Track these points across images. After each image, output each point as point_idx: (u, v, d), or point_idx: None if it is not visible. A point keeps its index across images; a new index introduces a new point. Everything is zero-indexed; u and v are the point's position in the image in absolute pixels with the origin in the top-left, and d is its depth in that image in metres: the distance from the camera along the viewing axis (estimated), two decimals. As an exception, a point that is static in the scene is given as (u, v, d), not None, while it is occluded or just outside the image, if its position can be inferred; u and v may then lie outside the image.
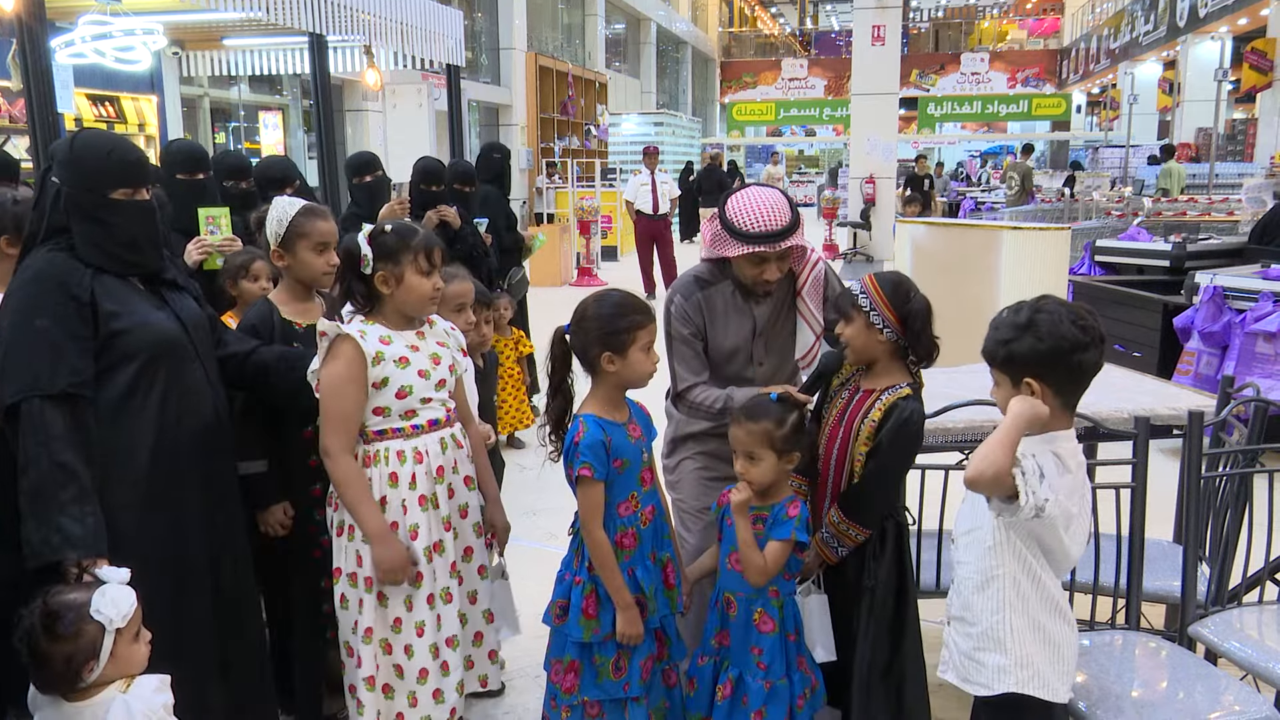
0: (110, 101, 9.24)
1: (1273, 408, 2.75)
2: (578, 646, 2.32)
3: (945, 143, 31.28)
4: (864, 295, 2.40)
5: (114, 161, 2.24)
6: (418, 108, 12.53)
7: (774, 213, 2.51)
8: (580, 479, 2.26)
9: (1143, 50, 21.74)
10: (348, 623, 2.44)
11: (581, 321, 2.33)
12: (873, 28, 14.19)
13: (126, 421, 2.22)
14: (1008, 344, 1.95)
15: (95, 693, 1.77)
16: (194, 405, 2.34)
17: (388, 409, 2.41)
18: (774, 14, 40.54)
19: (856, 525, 2.37)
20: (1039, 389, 1.92)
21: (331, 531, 2.51)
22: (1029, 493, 1.84)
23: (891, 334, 2.37)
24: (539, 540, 4.18)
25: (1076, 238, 8.28)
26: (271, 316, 2.75)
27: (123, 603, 1.75)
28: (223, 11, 5.74)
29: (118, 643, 1.75)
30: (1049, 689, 1.98)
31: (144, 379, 2.24)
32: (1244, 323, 5.41)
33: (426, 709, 2.44)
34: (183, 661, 2.20)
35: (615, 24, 24.85)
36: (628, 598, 2.29)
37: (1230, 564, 2.67)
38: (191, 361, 2.36)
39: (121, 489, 2.20)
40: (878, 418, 2.36)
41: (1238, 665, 2.36)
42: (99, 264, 2.22)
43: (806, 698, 2.37)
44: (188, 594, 2.31)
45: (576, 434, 2.28)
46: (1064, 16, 32.59)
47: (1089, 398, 2.01)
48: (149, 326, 2.26)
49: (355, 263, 2.41)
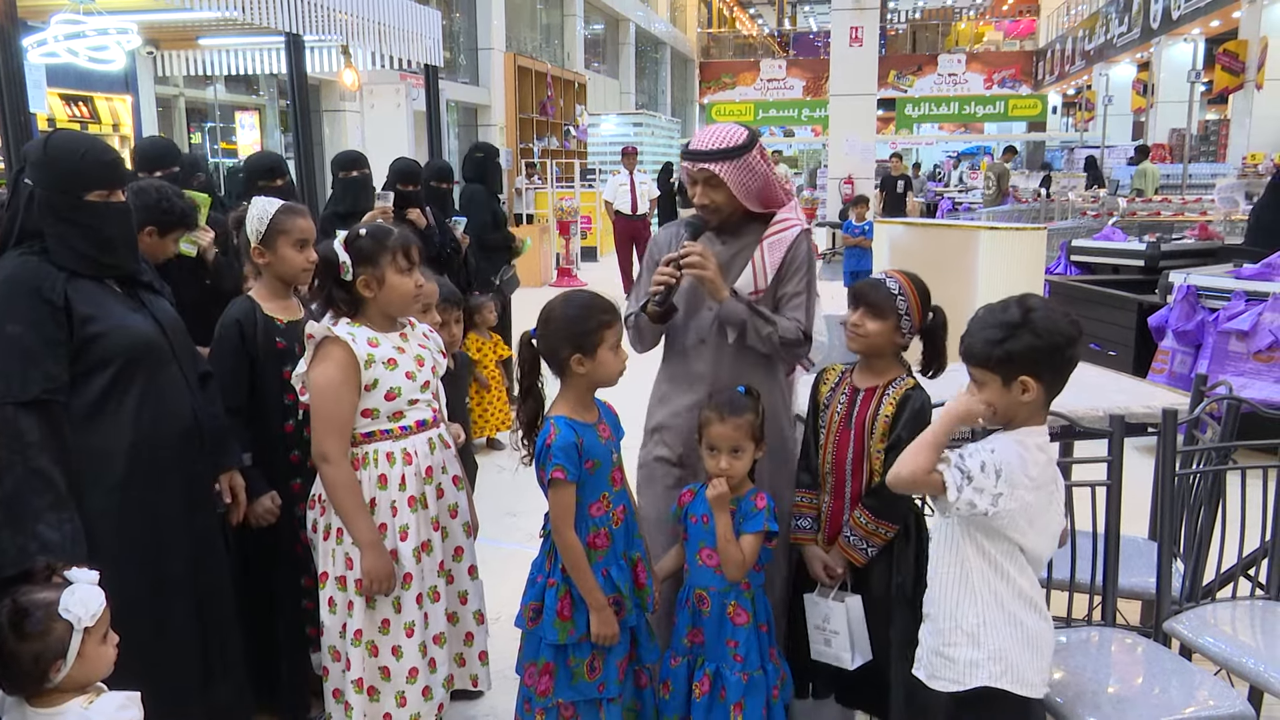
0: (84, 101, 9.13)
1: (1245, 406, 2.78)
2: (552, 649, 2.31)
3: (923, 143, 31.43)
4: (902, 298, 2.38)
5: (89, 163, 2.22)
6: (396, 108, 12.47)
7: (706, 137, 2.57)
8: (554, 481, 2.25)
9: (1117, 52, 21.94)
10: (335, 626, 2.43)
11: (548, 324, 2.31)
12: (850, 29, 14.23)
13: (103, 426, 2.20)
14: (1003, 343, 1.91)
15: (60, 700, 1.74)
16: (172, 408, 2.32)
17: (376, 411, 2.41)
18: (752, 15, 40.62)
19: (886, 523, 2.36)
20: (1033, 387, 1.92)
21: (314, 534, 2.51)
22: (959, 488, 1.86)
23: (909, 337, 2.38)
24: (519, 542, 4.17)
25: (1053, 238, 8.35)
26: (254, 313, 2.75)
27: (91, 602, 1.73)
28: (198, 11, 5.70)
29: (86, 643, 1.72)
30: (1024, 683, 1.98)
31: (120, 383, 2.22)
32: (1217, 322, 5.47)
33: (415, 707, 2.45)
34: (163, 667, 2.19)
35: (594, 24, 24.82)
36: (601, 599, 2.28)
37: (1204, 560, 2.69)
38: (169, 364, 2.34)
39: (97, 494, 2.17)
40: (891, 412, 2.36)
41: (1212, 660, 2.38)
42: (74, 267, 2.19)
43: (780, 688, 2.39)
44: (166, 598, 2.29)
45: (548, 436, 2.27)
46: (1040, 18, 32.86)
47: (1065, 396, 2.03)
48: (126, 329, 2.24)
49: (335, 270, 2.40)
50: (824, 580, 2.47)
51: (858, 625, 2.41)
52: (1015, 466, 1.90)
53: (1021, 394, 1.93)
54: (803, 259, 2.64)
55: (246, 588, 2.72)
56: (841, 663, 2.44)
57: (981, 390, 1.97)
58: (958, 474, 1.89)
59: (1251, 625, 2.55)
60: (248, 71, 8.74)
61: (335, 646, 2.45)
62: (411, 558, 2.43)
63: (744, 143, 2.54)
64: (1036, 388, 1.93)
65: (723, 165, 2.53)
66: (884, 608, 2.42)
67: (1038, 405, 1.96)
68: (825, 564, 2.47)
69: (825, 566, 2.47)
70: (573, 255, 13.61)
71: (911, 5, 38.26)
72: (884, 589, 2.42)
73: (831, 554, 2.47)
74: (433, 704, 2.49)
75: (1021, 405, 1.94)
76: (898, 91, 28.80)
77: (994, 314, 1.96)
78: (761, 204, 2.64)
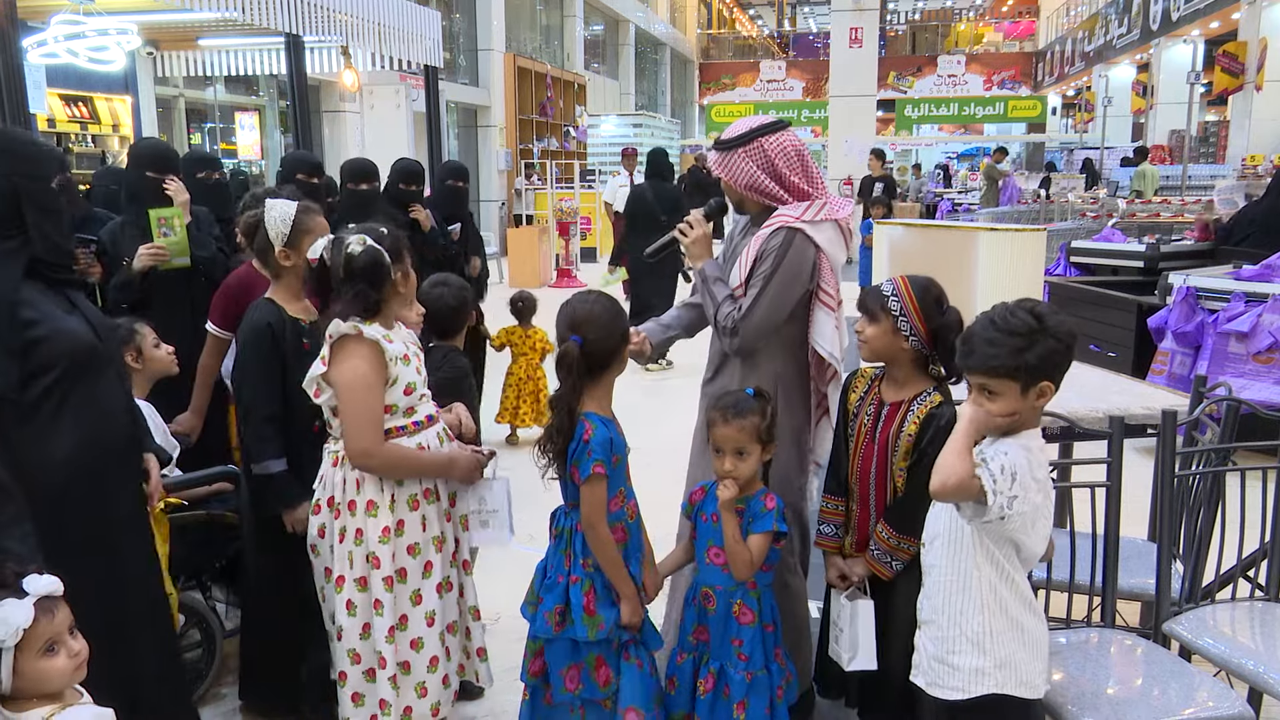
0: (84, 102, 9.14)
1: (1245, 407, 2.78)
2: (586, 646, 2.32)
3: (923, 144, 31.44)
4: (895, 299, 2.36)
5: (46, 150, 2.19)
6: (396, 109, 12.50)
7: (730, 127, 2.71)
8: (595, 477, 2.25)
9: (1117, 53, 21.95)
10: (355, 628, 2.43)
11: (594, 327, 2.30)
12: (850, 30, 14.28)
13: (37, 435, 2.08)
14: (1023, 352, 1.87)
15: (27, 706, 1.70)
16: (111, 411, 2.24)
17: (395, 406, 2.44)
18: (752, 16, 40.63)
19: (909, 539, 2.34)
20: (1050, 390, 1.91)
21: (322, 539, 2.51)
22: (996, 493, 1.85)
23: (917, 343, 2.36)
24: (517, 542, 4.15)
25: (1052, 239, 8.34)
26: (281, 315, 2.76)
27: (11, 620, 1.65)
28: (198, 11, 5.70)
29: (20, 659, 1.66)
30: (1028, 686, 1.99)
31: (58, 390, 2.10)
32: (1216, 323, 5.47)
33: (436, 695, 2.49)
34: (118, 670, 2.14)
35: (594, 25, 24.82)
36: (633, 588, 2.33)
37: (1204, 562, 2.69)
38: (105, 366, 2.24)
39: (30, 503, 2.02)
40: (914, 430, 2.35)
41: (1211, 662, 2.38)
42: (50, 258, 2.12)
43: (784, 689, 2.40)
44: (124, 600, 2.25)
45: (585, 433, 2.26)
46: (1039, 20, 32.88)
47: (1064, 396, 2.03)
48: (66, 334, 2.13)
49: (382, 273, 2.40)
50: (838, 587, 2.49)
51: (864, 629, 2.41)
52: (1025, 469, 1.89)
53: (1038, 399, 1.92)
54: (772, 255, 2.60)
55: (279, 591, 2.75)
56: (840, 661, 2.47)
57: (996, 400, 1.92)
58: (990, 479, 1.87)
59: (1251, 626, 2.55)
60: (248, 72, 8.75)
61: (355, 649, 2.44)
62: (432, 545, 2.47)
63: (747, 131, 2.64)
64: (1052, 391, 1.92)
65: (723, 154, 2.67)
66: (907, 623, 2.36)
67: (1038, 409, 1.96)
68: (841, 571, 2.48)
69: (841, 574, 2.48)
70: (572, 256, 13.61)
71: (911, 6, 38.28)
72: (908, 604, 2.40)
73: (854, 562, 2.48)
74: (449, 691, 2.54)
75: (1035, 410, 1.94)
76: (897, 93, 28.81)
77: (1004, 323, 1.90)
78: (762, 196, 2.65)
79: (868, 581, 2.47)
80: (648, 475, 2.87)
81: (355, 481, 2.43)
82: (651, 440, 4.28)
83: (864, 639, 2.41)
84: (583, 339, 2.28)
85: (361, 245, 2.38)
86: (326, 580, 2.51)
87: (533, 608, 2.40)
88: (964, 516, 1.93)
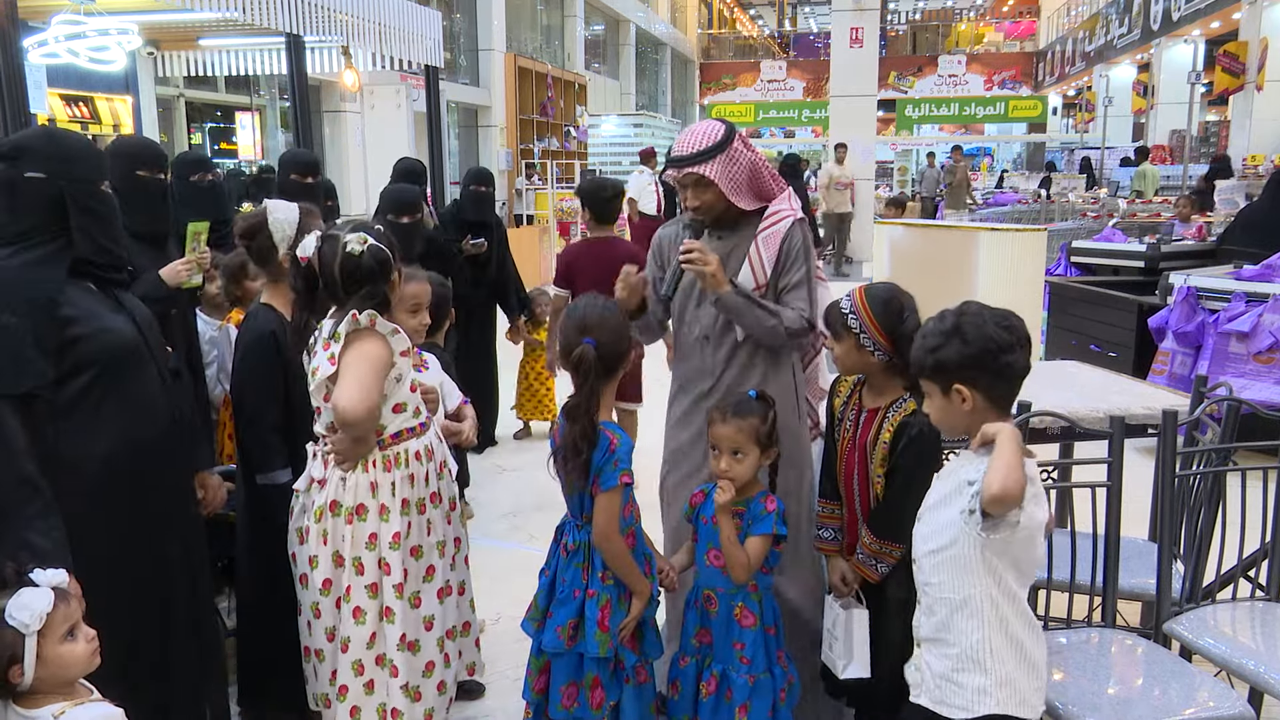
0: (84, 102, 9.13)
1: (1245, 407, 2.78)
2: (595, 662, 2.30)
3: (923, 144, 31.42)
4: (854, 316, 2.37)
5: (95, 153, 2.24)
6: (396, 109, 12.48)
7: (687, 141, 2.60)
8: (620, 487, 2.24)
9: (1117, 53, 21.95)
10: (362, 638, 2.39)
11: (606, 329, 2.29)
12: (851, 30, 14.26)
13: (74, 433, 2.12)
14: (934, 351, 1.90)
15: (42, 701, 1.73)
16: (149, 409, 2.27)
17: (405, 405, 2.42)
18: (753, 16, 40.62)
19: (891, 544, 2.34)
20: (969, 395, 1.89)
21: (331, 545, 2.45)
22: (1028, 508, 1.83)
23: (883, 355, 2.36)
24: (518, 541, 4.15)
25: (1053, 239, 8.35)
26: (282, 321, 2.72)
27: (34, 605, 1.70)
28: (198, 11, 5.69)
29: (43, 645, 1.70)
30: (1027, 706, 1.94)
31: (97, 387, 2.15)
32: (1217, 323, 5.47)
33: (430, 702, 2.46)
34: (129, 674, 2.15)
35: (594, 25, 24.81)
36: (647, 585, 2.35)
37: (1204, 562, 2.69)
38: (147, 364, 2.28)
39: (67, 499, 2.07)
40: (889, 439, 2.35)
41: (1212, 662, 2.38)
42: (94, 258, 2.18)
43: (787, 691, 2.39)
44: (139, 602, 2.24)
45: (610, 443, 2.25)
46: (1040, 19, 32.87)
47: (1064, 396, 2.02)
48: (108, 333, 2.18)
49: (389, 269, 2.39)
50: (840, 590, 2.48)
51: (859, 637, 2.41)
52: (1036, 479, 1.87)
53: (960, 403, 1.89)
54: (799, 248, 2.65)
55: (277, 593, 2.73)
56: (834, 668, 2.46)
57: (928, 401, 1.95)
58: (1038, 492, 1.84)
59: (1251, 626, 2.55)
60: (248, 72, 8.75)
61: (360, 660, 2.39)
62: (435, 550, 2.45)
63: (723, 137, 2.58)
64: (972, 396, 1.89)
65: (709, 165, 2.57)
66: (900, 624, 2.34)
67: (983, 414, 1.90)
68: (843, 574, 2.48)
69: (843, 578, 2.48)
70: (573, 256, 13.57)
71: (912, 6, 38.26)
72: (900, 606, 2.39)
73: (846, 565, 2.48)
74: (445, 698, 2.51)
75: (963, 414, 1.91)
76: (898, 92, 28.79)
77: (930, 325, 1.95)
78: (755, 195, 2.65)
79: (859, 589, 2.47)
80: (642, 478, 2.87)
81: (370, 485, 2.38)
82: (641, 441, 4.28)
83: (858, 647, 2.41)
84: (596, 342, 2.26)
85: (363, 244, 2.34)
86: (325, 594, 2.41)
87: (537, 623, 2.38)
88: (984, 529, 1.85)
